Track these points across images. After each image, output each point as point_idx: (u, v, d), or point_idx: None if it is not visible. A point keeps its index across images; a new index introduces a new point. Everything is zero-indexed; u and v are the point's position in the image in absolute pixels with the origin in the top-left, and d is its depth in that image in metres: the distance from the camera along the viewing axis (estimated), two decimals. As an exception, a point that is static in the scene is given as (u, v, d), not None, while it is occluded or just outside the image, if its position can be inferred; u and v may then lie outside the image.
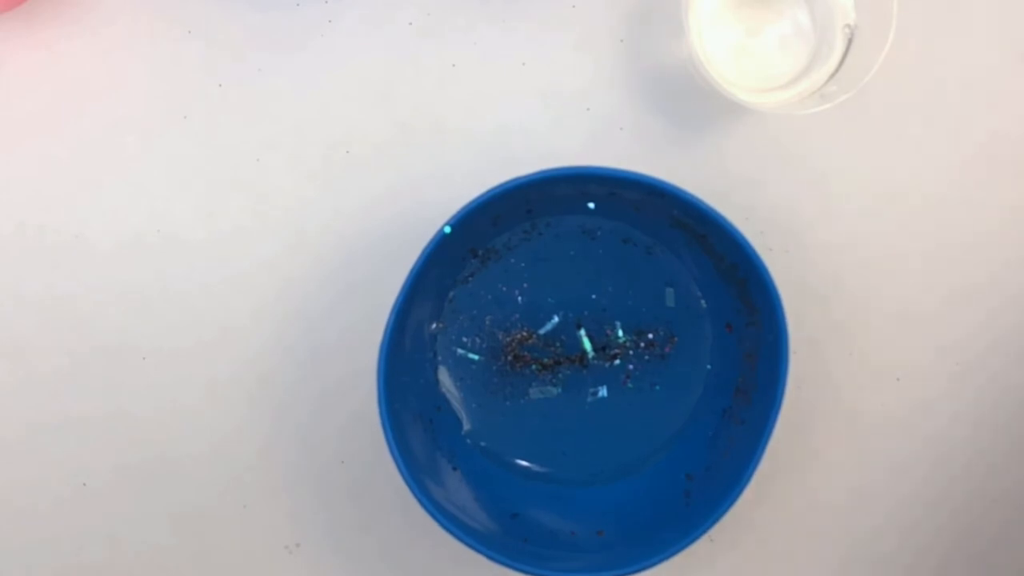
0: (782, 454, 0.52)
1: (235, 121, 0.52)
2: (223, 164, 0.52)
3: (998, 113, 0.53)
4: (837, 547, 0.54)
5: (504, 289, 0.51)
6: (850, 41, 0.50)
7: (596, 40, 0.53)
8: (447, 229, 0.46)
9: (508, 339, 0.51)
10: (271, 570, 0.53)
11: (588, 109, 0.52)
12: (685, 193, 0.46)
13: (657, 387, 0.51)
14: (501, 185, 0.46)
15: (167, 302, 0.52)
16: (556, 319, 0.51)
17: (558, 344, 0.51)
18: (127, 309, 0.52)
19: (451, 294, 0.51)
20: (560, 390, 0.51)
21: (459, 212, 0.46)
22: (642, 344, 0.51)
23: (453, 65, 0.53)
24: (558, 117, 0.52)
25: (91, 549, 0.53)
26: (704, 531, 0.46)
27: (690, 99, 0.52)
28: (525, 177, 0.45)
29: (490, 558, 0.46)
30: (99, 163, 0.52)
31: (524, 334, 0.51)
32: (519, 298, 0.51)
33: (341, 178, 0.52)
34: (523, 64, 0.53)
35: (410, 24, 0.53)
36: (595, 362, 0.51)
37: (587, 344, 0.51)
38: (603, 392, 0.52)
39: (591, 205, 0.50)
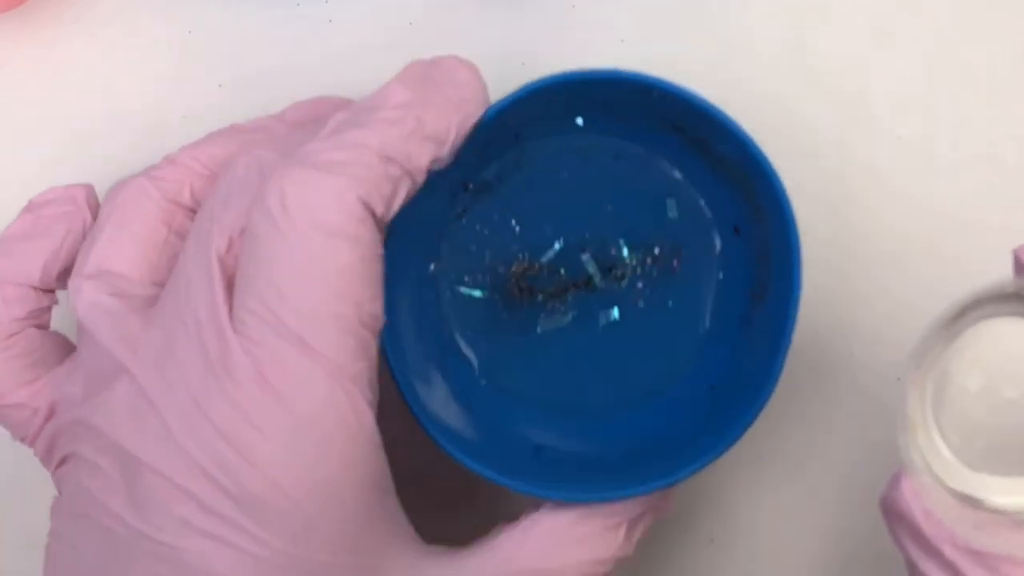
0: (782, 453, 0.52)
1: (235, 121, 0.52)
2: (222, 163, 0.53)
3: (999, 113, 0.53)
4: (838, 546, 0.54)
5: (500, 221, 0.50)
6: None
7: (596, 40, 0.53)
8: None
9: (510, 272, 0.50)
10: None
11: (588, 109, 0.53)
12: (681, 90, 0.44)
13: (670, 302, 0.50)
14: (487, 111, 0.44)
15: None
16: (558, 245, 0.50)
17: (563, 271, 0.50)
18: (126, 306, 0.52)
19: (447, 231, 0.49)
20: (571, 317, 0.50)
21: None
22: (649, 260, 0.49)
23: (453, 65, 0.53)
24: (558, 118, 0.52)
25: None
26: (737, 438, 0.44)
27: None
28: (510, 97, 0.44)
29: (515, 489, 0.44)
30: (99, 163, 0.53)
31: (526, 265, 0.50)
32: (517, 228, 0.49)
33: (340, 177, 0.52)
34: (523, 64, 0.53)
35: (410, 24, 0.53)
36: (603, 284, 0.50)
37: (592, 267, 0.50)
38: (615, 315, 0.50)
39: (579, 121, 0.48)
